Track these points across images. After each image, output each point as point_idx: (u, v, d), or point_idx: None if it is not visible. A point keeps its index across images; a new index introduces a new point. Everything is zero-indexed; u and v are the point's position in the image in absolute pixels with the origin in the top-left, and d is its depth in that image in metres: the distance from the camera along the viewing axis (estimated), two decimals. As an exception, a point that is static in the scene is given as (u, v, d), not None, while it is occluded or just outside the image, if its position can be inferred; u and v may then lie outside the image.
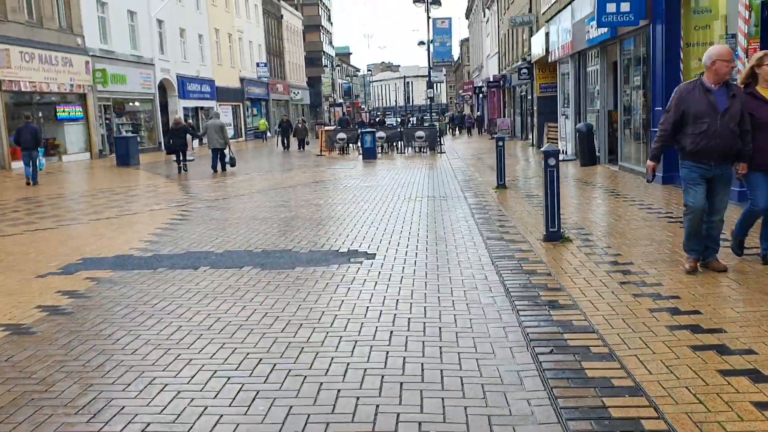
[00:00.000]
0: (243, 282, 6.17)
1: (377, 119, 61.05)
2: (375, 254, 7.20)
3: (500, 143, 12.79)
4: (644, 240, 7.26)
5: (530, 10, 28.54)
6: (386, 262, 6.77)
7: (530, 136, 30.62)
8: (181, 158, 19.74)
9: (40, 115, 25.19)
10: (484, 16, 54.59)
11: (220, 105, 44.83)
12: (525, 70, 28.78)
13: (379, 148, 27.46)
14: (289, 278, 6.25)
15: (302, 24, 76.64)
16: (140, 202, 12.84)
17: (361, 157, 24.09)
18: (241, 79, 50.10)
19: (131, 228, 9.72)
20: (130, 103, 33.28)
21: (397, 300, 5.41)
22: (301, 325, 4.86)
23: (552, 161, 7.19)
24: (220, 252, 7.62)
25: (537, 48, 25.82)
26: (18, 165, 22.06)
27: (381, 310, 5.14)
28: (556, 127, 24.33)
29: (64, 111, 26.23)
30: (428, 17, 29.30)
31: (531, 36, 28.42)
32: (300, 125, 33.13)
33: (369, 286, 5.89)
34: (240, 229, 9.11)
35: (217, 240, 8.37)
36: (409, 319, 4.90)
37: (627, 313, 4.76)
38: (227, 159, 19.58)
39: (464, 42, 79.83)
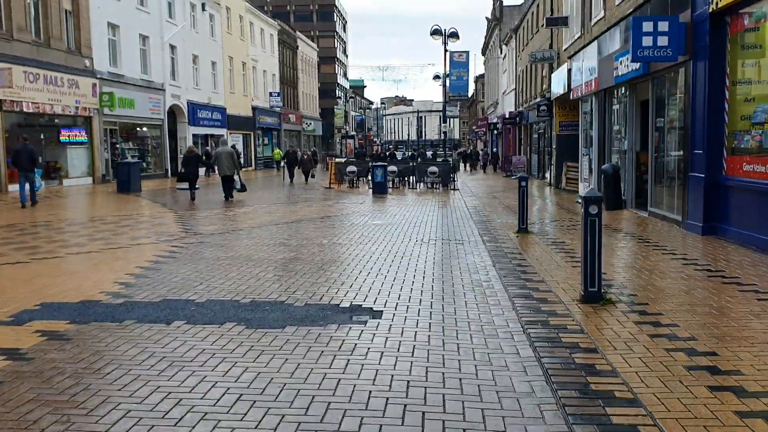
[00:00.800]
0: (220, 346, 5.08)
1: (388, 152, 60.24)
2: (381, 312, 6.10)
3: (523, 183, 11.74)
4: (702, 306, 6.13)
5: (551, 46, 27.75)
6: (394, 325, 5.66)
7: (547, 175, 29.60)
8: (192, 187, 19.58)
9: (42, 137, 24.44)
10: (501, 52, 54.08)
11: (230, 133, 44.24)
12: (544, 107, 27.88)
13: (390, 182, 26.54)
14: (277, 342, 5.15)
15: (317, 56, 76.61)
16: (129, 234, 11.83)
17: (371, 191, 23.12)
18: (253, 108, 49.58)
19: (110, 265, 8.68)
20: (138, 128, 32.60)
21: (408, 383, 4.29)
22: (283, 417, 3.75)
23: (594, 209, 6.10)
24: (202, 301, 6.55)
25: (557, 85, 24.94)
26: (15, 188, 21.30)
27: (387, 398, 4.02)
28: (576, 167, 23.31)
29: (67, 133, 25.47)
30: (445, 50, 28.56)
31: (551, 72, 27.59)
32: (306, 156, 31.88)
33: (373, 358, 4.78)
34: (231, 272, 8.06)
35: (202, 285, 7.30)
36: (423, 413, 3.79)
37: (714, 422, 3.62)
38: (237, 186, 19.36)
39: (479, 78, 79.43)
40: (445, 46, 28.28)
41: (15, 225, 13.26)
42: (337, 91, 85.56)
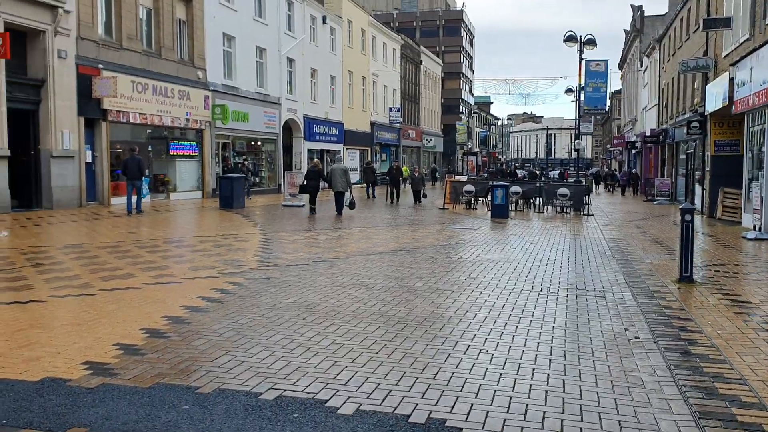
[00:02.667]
0: None
1: (507, 170, 56.77)
2: (476, 442, 3.64)
3: (687, 217, 8.79)
4: None
5: (705, 54, 23.95)
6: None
7: (697, 202, 25.63)
8: (313, 203, 20.09)
9: (150, 149, 23.80)
10: (641, 65, 49.56)
11: (347, 149, 43.03)
12: (695, 124, 24.06)
13: (513, 204, 23.78)
14: None
15: (442, 71, 74.70)
16: (195, 263, 10.03)
17: (489, 214, 20.50)
18: (372, 123, 48.22)
19: (133, 311, 6.76)
20: (252, 143, 31.81)
21: None
22: None
23: None
24: (208, 392, 4.37)
25: (714, 98, 21.23)
26: (118, 201, 20.67)
27: None
28: (737, 194, 19.54)
29: (177, 146, 24.78)
30: (581, 59, 25.45)
31: (705, 84, 23.78)
32: (417, 174, 28.21)
33: None
34: (276, 333, 5.87)
35: (226, 357, 5.15)
36: None
37: None
38: (347, 202, 19.88)
39: (615, 94, 74.31)
40: (580, 54, 25.19)
41: (76, 245, 11.90)
42: (461, 106, 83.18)
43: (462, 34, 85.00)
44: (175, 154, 24.80)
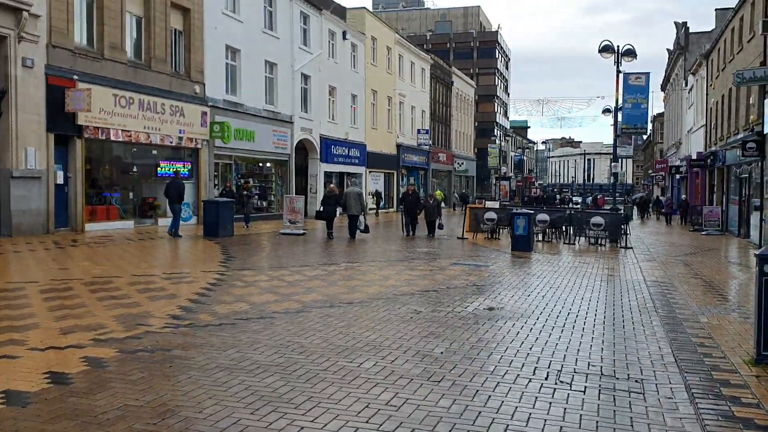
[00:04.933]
0: None
1: (539, 195, 53.02)
2: None
3: (769, 269, 5.96)
4: None
5: (764, 63, 20.90)
6: None
7: (753, 234, 22.37)
8: (330, 227, 19.98)
9: (135, 169, 21.63)
10: (686, 85, 46.24)
11: (370, 172, 40.58)
12: (751, 144, 20.96)
13: (541, 234, 20.93)
14: None
15: (475, 93, 72.08)
16: (79, 319, 7.53)
17: (511, 246, 17.70)
18: (398, 146, 45.72)
19: None
20: (261, 164, 29.56)
21: None
22: None
23: None
24: None
25: (776, 112, 18.20)
26: (94, 227, 18.52)
27: None
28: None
29: (167, 167, 22.56)
30: (618, 71, 22.56)
31: (764, 98, 20.71)
32: (431, 201, 22.57)
33: None
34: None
35: None
36: None
37: None
38: (361, 227, 19.80)
39: (657, 117, 70.55)
40: (617, 66, 22.33)
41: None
42: (495, 130, 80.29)
43: (497, 56, 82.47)
44: (166, 171, 22.52)
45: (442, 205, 43.09)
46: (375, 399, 4.84)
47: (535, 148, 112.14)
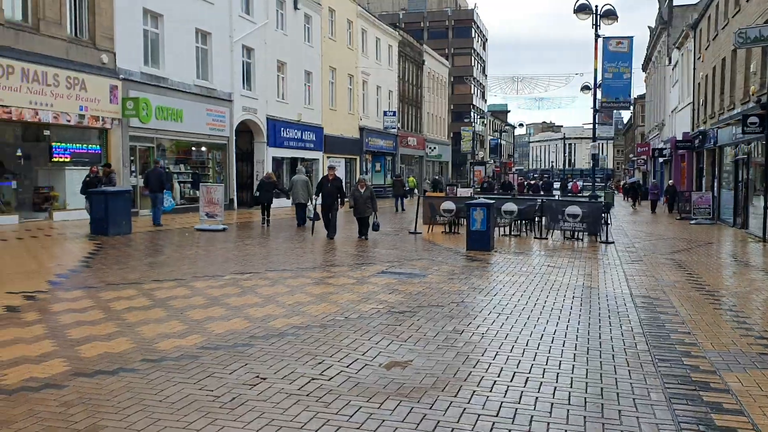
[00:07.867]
0: None
1: (526, 182, 49.93)
2: None
3: None
4: None
5: (769, 22, 17.69)
6: None
7: (752, 223, 19.28)
8: (266, 215, 19.59)
9: (20, 152, 17.98)
10: (670, 62, 43.14)
11: (328, 157, 37.01)
12: (754, 119, 17.78)
13: (508, 228, 17.72)
14: None
15: (450, 74, 68.62)
16: None
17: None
18: (361, 129, 42.22)
19: None
20: (194, 148, 25.97)
21: None
22: None
23: None
24: None
25: (787, 78, 15.00)
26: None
27: None
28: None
29: (64, 151, 18.93)
30: (596, 35, 19.23)
31: None
32: (362, 190, 16.18)
33: None
34: None
35: None
36: None
37: None
38: (311, 214, 18.31)
39: (638, 99, 67.49)
40: (596, 30, 19.01)
41: None
42: (472, 113, 76.95)
43: (473, 36, 79.01)
44: (61, 160, 18.93)
45: (415, 192, 39.66)
46: None
47: (515, 132, 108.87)
